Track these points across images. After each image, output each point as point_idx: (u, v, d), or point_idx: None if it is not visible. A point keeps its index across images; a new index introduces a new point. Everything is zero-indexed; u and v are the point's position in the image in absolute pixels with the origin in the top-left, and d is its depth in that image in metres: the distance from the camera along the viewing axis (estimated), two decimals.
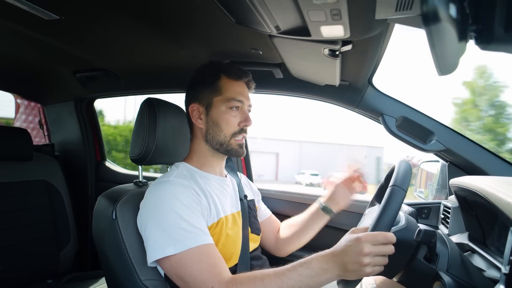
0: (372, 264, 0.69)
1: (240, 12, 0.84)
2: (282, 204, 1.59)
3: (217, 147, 0.99)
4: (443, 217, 1.14)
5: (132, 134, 1.06)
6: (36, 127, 2.20)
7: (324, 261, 0.73)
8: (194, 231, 0.82)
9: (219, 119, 0.98)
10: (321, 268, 0.73)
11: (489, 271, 0.75)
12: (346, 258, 0.71)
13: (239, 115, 0.99)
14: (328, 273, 0.72)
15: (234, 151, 1.00)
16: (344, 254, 0.72)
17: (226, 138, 0.98)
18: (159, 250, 0.80)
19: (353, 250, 0.71)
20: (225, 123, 0.98)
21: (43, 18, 1.00)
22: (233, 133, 0.98)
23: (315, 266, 0.73)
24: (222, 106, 0.98)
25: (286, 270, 0.75)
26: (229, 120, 0.98)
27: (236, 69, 1.02)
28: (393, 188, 0.74)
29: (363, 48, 0.94)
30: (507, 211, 0.62)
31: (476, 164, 1.16)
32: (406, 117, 1.23)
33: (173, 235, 0.80)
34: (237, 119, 0.99)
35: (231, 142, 0.99)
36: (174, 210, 0.83)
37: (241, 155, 1.02)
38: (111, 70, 1.56)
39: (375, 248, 0.69)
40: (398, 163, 0.82)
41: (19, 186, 1.57)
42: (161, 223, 0.82)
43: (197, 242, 0.81)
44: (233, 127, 0.98)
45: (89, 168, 2.07)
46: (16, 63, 1.61)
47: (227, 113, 0.98)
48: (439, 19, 0.35)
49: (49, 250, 1.63)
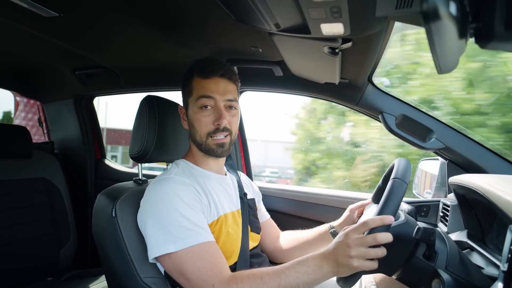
0: (359, 256, 0.70)
1: (240, 10, 0.84)
2: (282, 202, 1.59)
3: (199, 148, 0.98)
4: (442, 215, 1.14)
5: (131, 132, 1.06)
6: (36, 125, 2.19)
7: (319, 259, 0.75)
8: (195, 229, 0.82)
9: (193, 120, 0.96)
10: (317, 265, 0.75)
11: (487, 269, 0.75)
12: (336, 254, 0.73)
13: (212, 114, 0.94)
14: (323, 270, 0.74)
15: (212, 151, 0.96)
16: (335, 250, 0.74)
17: (202, 138, 0.95)
18: (160, 247, 0.81)
19: (341, 244, 0.73)
20: (197, 123, 0.95)
21: (42, 15, 0.99)
22: (207, 133, 0.94)
23: (311, 263, 0.75)
24: (194, 106, 0.95)
25: (285, 269, 0.77)
26: (201, 120, 0.94)
27: (206, 64, 0.96)
28: (395, 181, 0.75)
29: (363, 46, 0.94)
30: (506, 209, 0.62)
31: (475, 162, 1.17)
32: (405, 115, 1.23)
33: (174, 233, 0.80)
34: (211, 118, 0.94)
35: (208, 142, 0.95)
36: (175, 207, 0.83)
37: (220, 155, 0.98)
38: (110, 67, 1.56)
39: (360, 239, 0.71)
40: (398, 161, 0.83)
41: (18, 184, 1.57)
42: (162, 220, 0.82)
43: (198, 240, 0.81)
44: (206, 126, 0.94)
45: (88, 166, 2.07)
46: (15, 60, 1.61)
47: (198, 113, 0.94)
48: (439, 17, 0.35)
49: (49, 247, 1.63)
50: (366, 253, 0.70)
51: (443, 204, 1.14)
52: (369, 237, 0.70)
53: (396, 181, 0.75)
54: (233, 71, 0.99)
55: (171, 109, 1.08)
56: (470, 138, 1.19)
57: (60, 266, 1.66)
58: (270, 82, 1.44)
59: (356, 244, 0.71)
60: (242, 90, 1.62)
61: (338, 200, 1.46)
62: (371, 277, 1.00)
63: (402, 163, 0.80)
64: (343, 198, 1.46)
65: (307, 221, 1.50)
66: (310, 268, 0.75)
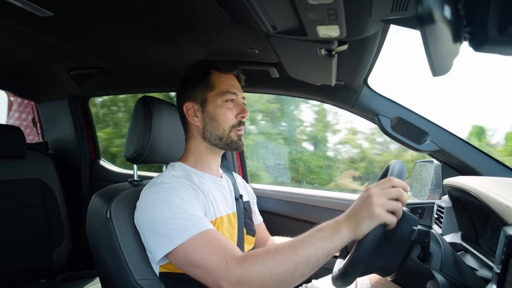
0: (382, 204, 0.69)
1: (236, 11, 0.84)
2: (277, 204, 1.59)
3: (216, 142, 0.99)
4: (437, 217, 1.15)
5: (127, 132, 1.05)
6: (30, 125, 2.17)
7: (335, 222, 0.73)
8: (195, 219, 0.80)
9: (216, 114, 0.98)
10: (333, 228, 0.72)
11: (481, 271, 0.76)
12: (357, 208, 0.72)
13: (235, 108, 1.00)
14: (341, 232, 0.71)
15: (234, 143, 1.00)
16: (355, 207, 0.73)
17: (225, 131, 0.98)
18: (166, 244, 0.78)
19: (362, 197, 0.72)
20: (222, 116, 0.98)
21: (37, 15, 0.99)
22: (231, 126, 0.99)
23: (326, 228, 0.73)
24: (218, 100, 0.98)
25: (300, 237, 0.74)
26: (226, 113, 0.98)
27: (225, 62, 1.02)
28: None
29: (359, 49, 0.94)
30: (499, 211, 0.63)
31: (469, 165, 1.18)
32: (400, 117, 1.24)
33: (176, 227, 0.79)
34: (234, 111, 0.99)
35: (231, 135, 0.99)
36: (172, 203, 0.82)
37: (240, 147, 1.02)
38: (106, 68, 1.55)
39: (383, 190, 0.71)
40: (393, 163, 0.83)
41: (12, 184, 1.55)
42: (162, 220, 0.81)
43: (201, 228, 0.79)
44: (231, 119, 0.98)
45: (83, 167, 2.05)
46: (10, 60, 1.59)
47: (223, 106, 0.98)
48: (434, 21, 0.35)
49: (42, 249, 1.61)
50: (387, 204, 0.69)
51: (437, 206, 1.15)
52: (392, 190, 0.71)
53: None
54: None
55: (167, 110, 1.07)
56: (464, 140, 1.20)
57: (53, 268, 1.64)
58: (266, 83, 1.44)
59: (379, 194, 0.70)
60: None
61: (333, 202, 1.46)
62: (366, 278, 1.00)
63: (397, 167, 0.80)
64: (338, 200, 1.46)
65: (302, 222, 1.51)
66: (326, 232, 0.71)
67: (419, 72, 2.72)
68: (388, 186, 0.72)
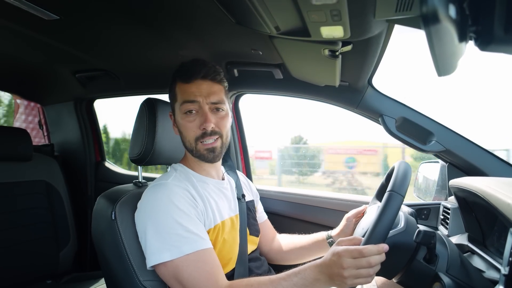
0: (352, 276, 0.71)
1: (240, 13, 0.84)
2: (281, 205, 1.59)
3: (191, 154, 0.96)
4: (443, 218, 1.14)
5: (131, 134, 1.06)
6: (36, 127, 2.20)
7: (316, 272, 0.75)
8: (191, 237, 0.81)
9: (180, 126, 0.95)
10: (314, 278, 0.75)
11: (488, 272, 0.75)
12: (331, 271, 0.73)
13: (198, 118, 0.92)
14: (320, 282, 0.75)
15: (203, 156, 0.93)
16: (329, 267, 0.74)
17: (191, 144, 0.93)
18: (156, 255, 0.80)
19: (335, 263, 0.73)
20: (184, 129, 0.93)
21: (43, 18, 1.00)
22: (195, 138, 0.92)
23: (308, 276, 0.76)
24: (179, 112, 0.93)
25: (281, 279, 0.77)
26: (187, 125, 0.92)
27: (186, 69, 0.94)
28: (391, 194, 0.73)
29: (363, 49, 0.94)
30: (506, 212, 0.62)
31: (475, 165, 1.16)
32: (405, 117, 1.23)
33: (169, 241, 0.80)
34: (197, 122, 0.91)
35: (198, 148, 0.93)
36: (170, 215, 0.82)
37: (211, 161, 0.95)
38: (110, 70, 1.56)
39: (354, 261, 0.71)
40: (398, 164, 0.81)
41: (18, 186, 1.57)
42: (157, 228, 0.82)
43: (194, 248, 0.80)
44: (193, 131, 0.92)
45: (88, 169, 2.07)
46: (16, 63, 1.61)
47: (183, 118, 0.92)
48: (439, 20, 0.35)
49: (48, 250, 1.63)
50: (358, 274, 0.71)
51: (443, 207, 1.13)
52: (363, 261, 0.70)
53: (392, 195, 0.73)
54: (217, 71, 0.95)
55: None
56: (470, 140, 1.18)
57: (59, 269, 1.66)
58: (270, 84, 1.44)
59: (349, 266, 0.71)
60: (242, 93, 1.63)
61: (337, 203, 1.45)
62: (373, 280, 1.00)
63: (401, 170, 0.78)
64: (341, 200, 1.45)
65: (305, 223, 1.50)
66: (307, 281, 0.75)
67: (424, 72, 2.71)
68: (359, 256, 0.71)
